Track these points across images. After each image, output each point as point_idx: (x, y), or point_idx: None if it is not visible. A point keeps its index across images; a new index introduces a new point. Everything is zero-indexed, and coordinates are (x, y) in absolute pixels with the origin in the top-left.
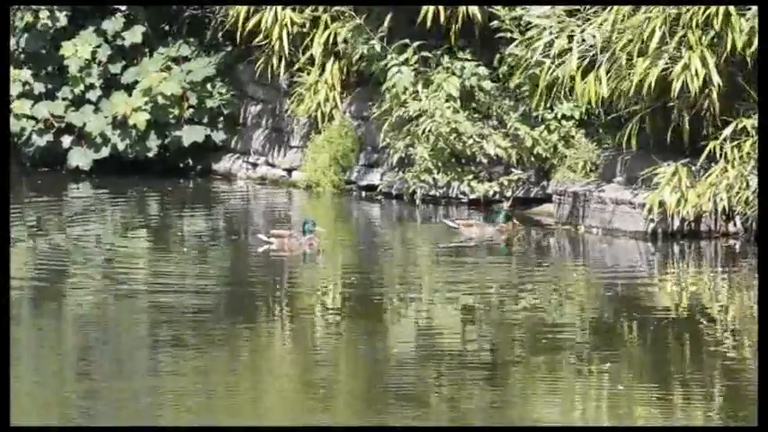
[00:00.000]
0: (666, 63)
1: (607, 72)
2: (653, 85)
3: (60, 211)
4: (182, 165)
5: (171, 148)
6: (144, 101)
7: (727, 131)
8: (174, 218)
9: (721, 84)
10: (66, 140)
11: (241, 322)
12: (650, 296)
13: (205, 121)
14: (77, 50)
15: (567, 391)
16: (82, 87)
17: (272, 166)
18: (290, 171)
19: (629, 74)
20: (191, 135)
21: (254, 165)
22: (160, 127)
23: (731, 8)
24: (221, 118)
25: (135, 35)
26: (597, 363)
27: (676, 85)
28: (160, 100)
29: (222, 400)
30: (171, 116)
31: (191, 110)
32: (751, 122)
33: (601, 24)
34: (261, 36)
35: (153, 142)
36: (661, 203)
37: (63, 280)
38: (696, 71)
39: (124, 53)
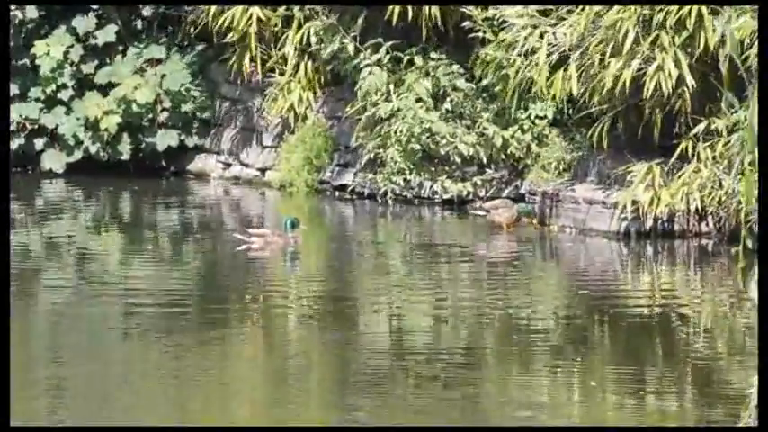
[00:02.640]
0: (640, 64)
1: (578, 70)
2: (627, 85)
3: (33, 211)
4: (155, 166)
5: (145, 151)
6: (117, 105)
7: (698, 129)
8: (148, 219)
9: (695, 84)
10: (39, 142)
11: (217, 322)
12: (622, 295)
13: (179, 125)
14: (50, 50)
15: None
16: (54, 88)
17: (246, 165)
18: (263, 171)
19: (602, 74)
20: (165, 140)
21: (228, 164)
22: (134, 130)
23: (703, 8)
24: (195, 123)
25: (108, 35)
26: (569, 360)
27: (650, 86)
28: (134, 108)
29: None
30: (145, 120)
31: (165, 113)
32: (723, 122)
33: (573, 24)
34: (233, 34)
35: (126, 146)
36: (634, 202)
37: (32, 277)
38: (669, 73)
39: (97, 53)
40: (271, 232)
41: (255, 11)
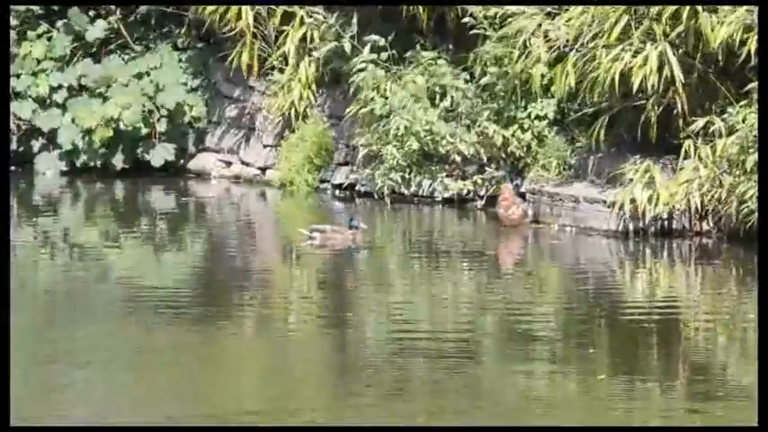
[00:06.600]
0: (631, 57)
1: (574, 65)
2: (616, 79)
3: (27, 206)
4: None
5: (140, 162)
6: (106, 124)
7: (696, 126)
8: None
9: (683, 79)
10: (34, 143)
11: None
12: (621, 295)
13: (177, 136)
14: (37, 51)
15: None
16: (48, 90)
17: (246, 164)
18: (263, 170)
19: (597, 66)
20: (161, 155)
21: (228, 163)
22: (129, 142)
23: (698, 7)
24: (191, 133)
25: (105, 33)
26: (569, 359)
27: (635, 80)
28: (122, 127)
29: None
30: (141, 132)
31: (162, 120)
32: (720, 121)
33: (569, 20)
34: (234, 33)
35: (119, 158)
36: (632, 201)
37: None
38: (651, 68)
39: (93, 52)
40: (331, 228)
41: (247, 9)
